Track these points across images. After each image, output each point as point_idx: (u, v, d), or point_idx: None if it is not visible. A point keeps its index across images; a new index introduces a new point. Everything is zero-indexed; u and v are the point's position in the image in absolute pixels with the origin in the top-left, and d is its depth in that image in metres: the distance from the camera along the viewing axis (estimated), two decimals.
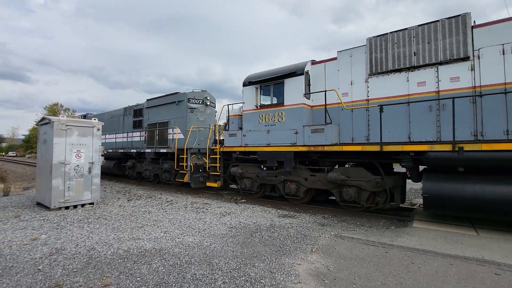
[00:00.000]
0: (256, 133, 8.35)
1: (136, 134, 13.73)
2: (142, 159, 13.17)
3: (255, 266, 3.69)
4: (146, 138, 12.88)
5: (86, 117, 15.44)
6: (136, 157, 13.70)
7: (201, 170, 10.15)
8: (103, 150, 11.57)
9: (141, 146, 13.12)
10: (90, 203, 7.71)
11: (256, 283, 3.22)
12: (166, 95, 12.58)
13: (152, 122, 12.67)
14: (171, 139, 11.44)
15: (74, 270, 3.55)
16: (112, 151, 15.05)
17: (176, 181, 10.94)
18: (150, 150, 12.22)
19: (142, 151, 12.80)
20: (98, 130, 8.02)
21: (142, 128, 13.28)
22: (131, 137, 14.03)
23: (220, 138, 10.11)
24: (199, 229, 5.45)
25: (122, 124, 14.68)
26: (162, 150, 11.55)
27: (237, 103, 9.49)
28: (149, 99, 13.38)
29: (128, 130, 14.18)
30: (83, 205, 7.57)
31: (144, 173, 12.93)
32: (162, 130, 12.02)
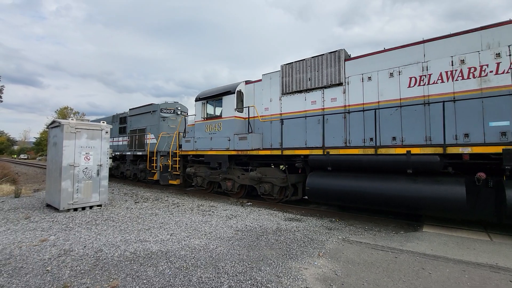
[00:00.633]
0: (204, 140, 10.03)
1: (121, 139, 15.73)
2: (125, 161, 15.12)
3: (262, 270, 3.65)
4: (128, 143, 14.77)
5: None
6: (120, 159, 15.69)
7: (169, 170, 11.54)
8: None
9: (124, 149, 15.05)
10: (98, 205, 7.80)
11: (263, 287, 3.19)
12: (144, 106, 14.49)
13: (133, 129, 14.63)
14: (146, 144, 13.15)
15: (82, 272, 3.58)
16: None
17: (149, 179, 12.76)
18: (130, 153, 14.24)
19: (124, 154, 14.81)
20: (107, 133, 8.14)
21: (126, 134, 15.26)
22: (117, 142, 15.97)
23: (180, 143, 11.42)
24: (205, 232, 5.45)
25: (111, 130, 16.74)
26: (139, 153, 13.44)
27: (192, 115, 11.42)
28: (131, 109, 15.33)
29: (115, 135, 15.89)
30: (91, 207, 7.66)
31: (126, 173, 15.00)
32: (140, 136, 13.85)
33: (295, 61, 8.24)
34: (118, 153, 15.44)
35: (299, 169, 7.94)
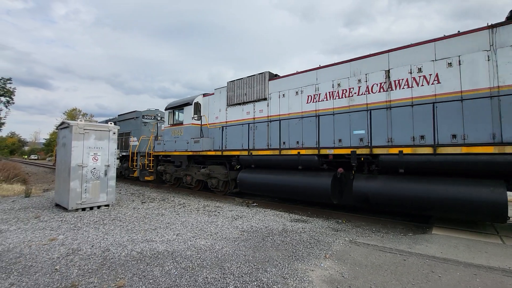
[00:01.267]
0: (170, 142, 11.78)
1: None
2: None
3: (267, 271, 3.63)
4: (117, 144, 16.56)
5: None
6: None
7: (146, 168, 13.34)
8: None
9: None
10: (106, 205, 7.90)
11: None
12: (130, 112, 16.74)
13: (121, 132, 15.55)
14: (130, 145, 15.04)
15: (90, 271, 3.61)
16: None
17: (131, 176, 14.81)
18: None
19: None
20: (114, 134, 8.25)
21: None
22: None
23: (154, 145, 13.22)
24: (211, 232, 5.45)
25: None
26: (124, 153, 15.51)
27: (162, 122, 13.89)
28: (120, 114, 17.56)
29: None
30: (99, 207, 7.76)
31: None
32: (126, 138, 15.79)
33: (237, 79, 10.06)
34: None
35: (238, 167, 9.77)
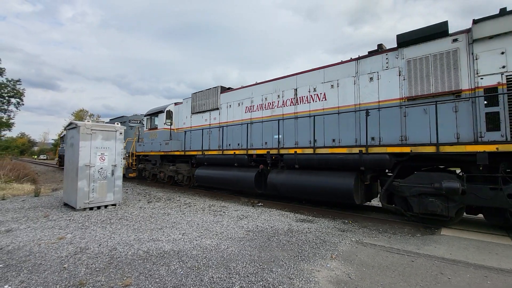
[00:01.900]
0: (148, 144, 13.81)
1: None
2: None
3: (273, 271, 3.61)
4: None
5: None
6: None
7: (129, 166, 15.05)
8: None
9: None
10: (113, 205, 7.98)
11: None
12: (118, 117, 18.79)
13: None
14: None
15: (97, 269, 3.65)
16: None
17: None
18: None
19: None
20: (121, 134, 8.33)
21: None
22: None
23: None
24: (217, 232, 5.46)
25: None
26: None
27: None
28: (111, 119, 19.40)
29: None
30: (106, 206, 7.85)
31: None
32: None
33: (198, 91, 12.07)
34: None
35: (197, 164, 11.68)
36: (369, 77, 6.95)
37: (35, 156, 71.79)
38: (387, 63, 6.74)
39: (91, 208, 7.55)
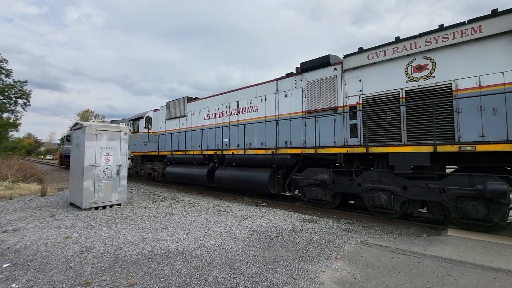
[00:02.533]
0: (132, 146, 15.25)
1: None
2: None
3: (277, 272, 3.60)
4: None
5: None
6: None
7: None
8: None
9: None
10: (118, 204, 8.05)
11: None
12: (110, 121, 19.90)
13: None
14: None
15: (102, 269, 3.68)
16: None
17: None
18: None
19: None
20: (125, 134, 8.39)
21: None
22: None
23: None
24: (221, 232, 5.46)
25: None
26: None
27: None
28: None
29: None
30: (111, 206, 7.91)
31: None
32: None
33: (171, 101, 13.87)
34: None
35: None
36: (284, 94, 8.75)
37: (42, 156, 72.77)
38: (295, 84, 8.51)
39: (97, 208, 7.62)
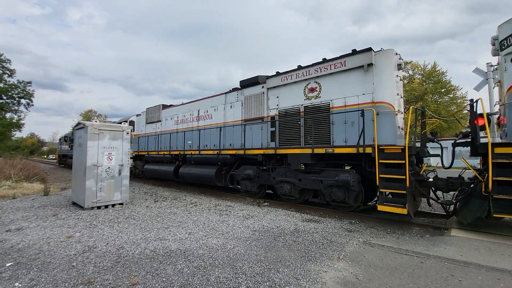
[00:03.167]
0: None
1: None
2: None
3: (280, 272, 3.59)
4: None
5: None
6: None
7: None
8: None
9: None
10: (120, 204, 8.07)
11: None
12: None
13: None
14: None
15: (105, 268, 3.69)
16: None
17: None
18: None
19: None
20: (128, 134, 8.40)
21: None
22: None
23: None
24: (223, 232, 5.46)
25: None
26: None
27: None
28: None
29: None
30: (114, 205, 7.94)
31: None
32: None
33: (150, 107, 15.71)
34: None
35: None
36: (230, 105, 10.52)
37: (45, 156, 73.21)
38: (237, 97, 10.28)
39: (99, 207, 7.64)
